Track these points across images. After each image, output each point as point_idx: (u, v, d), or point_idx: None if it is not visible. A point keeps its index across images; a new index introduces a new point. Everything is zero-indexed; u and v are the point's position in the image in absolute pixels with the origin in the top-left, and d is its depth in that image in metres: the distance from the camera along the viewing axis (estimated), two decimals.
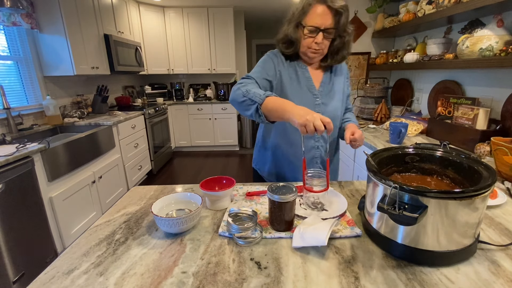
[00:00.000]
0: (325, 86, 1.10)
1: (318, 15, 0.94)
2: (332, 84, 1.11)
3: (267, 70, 1.04)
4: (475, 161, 0.70)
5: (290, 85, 1.05)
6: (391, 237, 0.62)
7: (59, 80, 2.75)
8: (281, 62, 1.07)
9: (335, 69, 1.13)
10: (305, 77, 1.07)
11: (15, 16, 2.19)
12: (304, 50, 1.02)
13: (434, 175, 0.78)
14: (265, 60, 1.07)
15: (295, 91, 1.05)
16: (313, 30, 0.96)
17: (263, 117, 0.86)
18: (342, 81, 1.15)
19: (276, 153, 1.14)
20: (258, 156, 1.23)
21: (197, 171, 3.71)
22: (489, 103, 1.58)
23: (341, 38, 1.03)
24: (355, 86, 2.75)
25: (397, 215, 0.55)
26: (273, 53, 1.09)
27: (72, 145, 2.05)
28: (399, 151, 0.81)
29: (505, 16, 1.40)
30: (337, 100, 1.11)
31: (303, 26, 0.97)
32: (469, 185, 0.67)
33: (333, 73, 1.12)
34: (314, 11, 0.94)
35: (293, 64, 1.08)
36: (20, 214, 1.60)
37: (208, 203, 0.86)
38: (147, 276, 0.58)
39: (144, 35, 4.11)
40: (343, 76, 1.16)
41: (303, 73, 1.08)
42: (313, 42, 0.98)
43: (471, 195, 0.55)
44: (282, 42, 1.05)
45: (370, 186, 0.68)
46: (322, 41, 0.98)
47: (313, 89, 1.07)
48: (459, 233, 0.58)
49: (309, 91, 1.07)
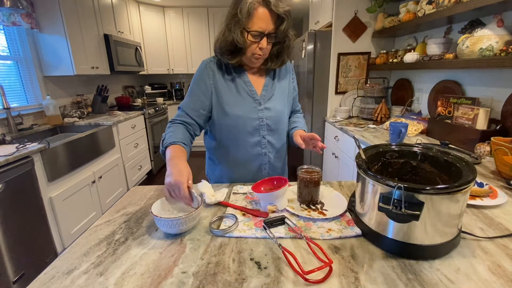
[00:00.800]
0: (268, 90, 1.05)
1: (262, 19, 0.89)
2: (275, 87, 1.07)
3: (198, 94, 1.01)
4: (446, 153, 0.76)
5: (228, 95, 1.01)
6: (384, 234, 0.64)
7: (59, 80, 2.75)
8: (214, 74, 1.01)
9: (278, 71, 1.09)
10: (244, 83, 1.03)
11: (15, 16, 2.19)
12: (248, 56, 0.96)
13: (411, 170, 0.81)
14: (197, 79, 1.02)
15: (234, 100, 1.01)
16: (257, 35, 0.91)
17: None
18: (287, 83, 1.11)
19: (221, 167, 1.12)
20: (208, 165, 1.20)
21: (197, 171, 3.71)
22: (489, 103, 1.58)
23: (283, 42, 0.99)
24: (355, 86, 2.75)
25: (401, 214, 0.57)
26: (205, 65, 1.02)
27: (72, 145, 2.05)
28: (380, 148, 0.83)
29: (505, 16, 1.39)
30: (282, 104, 1.08)
31: (247, 31, 0.91)
32: (447, 177, 0.71)
33: (276, 76, 1.08)
34: (257, 15, 0.89)
35: (230, 71, 1.03)
36: (20, 214, 1.60)
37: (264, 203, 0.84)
38: (147, 276, 0.58)
39: (144, 35, 4.11)
40: (288, 77, 1.12)
41: (242, 78, 1.03)
42: (257, 48, 0.93)
43: (463, 188, 0.58)
44: (226, 50, 0.96)
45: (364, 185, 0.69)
46: (266, 46, 0.93)
47: (255, 95, 1.03)
48: (449, 225, 0.61)
49: (250, 97, 1.02)
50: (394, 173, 0.82)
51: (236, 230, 0.73)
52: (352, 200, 0.82)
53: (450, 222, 0.61)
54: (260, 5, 0.88)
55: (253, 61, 0.98)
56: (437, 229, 0.60)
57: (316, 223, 0.76)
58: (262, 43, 0.92)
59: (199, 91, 1.02)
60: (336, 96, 2.79)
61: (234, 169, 1.11)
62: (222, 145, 1.09)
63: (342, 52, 2.66)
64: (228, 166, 1.11)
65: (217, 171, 1.15)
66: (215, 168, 1.15)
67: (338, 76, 2.74)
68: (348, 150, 2.12)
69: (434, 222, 0.59)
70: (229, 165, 1.11)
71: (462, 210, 0.62)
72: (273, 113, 1.05)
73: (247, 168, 1.09)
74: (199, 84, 1.02)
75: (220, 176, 1.14)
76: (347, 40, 2.62)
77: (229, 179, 1.12)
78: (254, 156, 1.07)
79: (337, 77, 2.74)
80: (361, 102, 2.70)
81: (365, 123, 2.32)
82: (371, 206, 0.66)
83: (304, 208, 0.84)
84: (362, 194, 0.70)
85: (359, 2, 2.52)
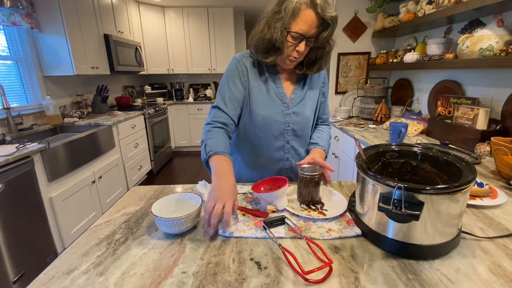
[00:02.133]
0: (297, 94, 1.02)
1: (305, 22, 0.83)
2: (305, 92, 1.03)
3: (234, 91, 0.97)
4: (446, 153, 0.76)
5: (258, 95, 0.99)
6: (384, 234, 0.64)
7: (59, 80, 2.75)
8: (247, 71, 0.98)
9: (310, 76, 1.05)
10: (275, 84, 1.00)
11: (15, 16, 2.19)
12: (284, 57, 0.92)
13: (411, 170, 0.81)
14: (231, 75, 0.98)
15: (262, 101, 0.99)
16: (297, 37, 0.86)
17: (208, 170, 0.87)
18: (318, 90, 1.07)
19: (241, 167, 1.11)
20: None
21: (197, 171, 3.71)
22: (489, 103, 1.58)
23: (323, 48, 0.94)
24: (355, 86, 2.75)
25: (401, 214, 0.57)
26: (238, 61, 0.99)
27: (72, 145, 2.05)
28: (380, 148, 0.83)
29: (505, 16, 1.40)
30: (310, 110, 1.05)
31: (287, 31, 0.86)
32: (447, 177, 0.71)
33: (307, 82, 1.04)
34: (302, 16, 0.83)
35: (263, 70, 1.00)
36: (20, 214, 1.60)
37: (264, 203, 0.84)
38: (147, 276, 0.58)
39: (144, 35, 4.11)
40: (319, 83, 1.08)
41: (273, 79, 1.00)
42: (294, 50, 0.89)
43: (463, 188, 0.58)
44: (262, 47, 0.92)
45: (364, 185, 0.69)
46: (304, 50, 0.89)
47: (284, 97, 1.00)
48: (449, 226, 0.61)
49: (279, 99, 1.00)
50: (394, 173, 0.82)
51: (236, 230, 0.73)
52: (352, 200, 0.82)
53: (450, 222, 0.61)
54: (307, 7, 0.82)
55: (287, 63, 0.94)
56: (437, 229, 0.60)
57: (316, 223, 0.76)
58: (300, 46, 0.87)
59: (235, 88, 0.97)
60: (336, 96, 2.80)
61: (254, 171, 1.09)
62: (245, 146, 1.07)
63: (342, 52, 2.66)
64: (248, 167, 1.10)
65: (235, 170, 1.13)
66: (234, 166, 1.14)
67: (338, 76, 2.74)
68: (348, 150, 2.13)
69: (434, 222, 0.59)
70: (249, 166, 1.10)
71: (462, 210, 0.62)
72: (300, 118, 1.02)
73: (267, 171, 1.07)
74: (234, 80, 0.98)
75: (239, 175, 1.12)
76: (347, 40, 2.63)
77: (247, 180, 1.11)
78: (276, 160, 1.05)
79: (337, 77, 2.74)
80: (361, 102, 2.71)
81: (365, 123, 2.32)
82: (371, 206, 0.66)
83: (304, 208, 0.84)
84: (362, 194, 0.70)
85: (359, 2, 2.52)
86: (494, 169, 1.18)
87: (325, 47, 0.93)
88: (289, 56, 0.91)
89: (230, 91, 0.98)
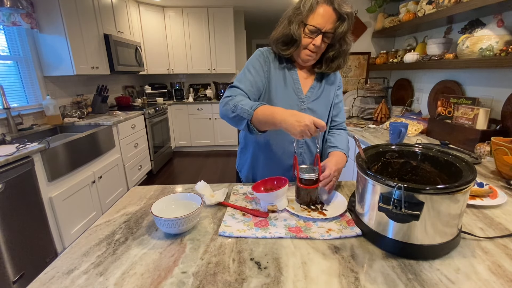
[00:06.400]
0: (313, 92, 1.05)
1: (322, 16, 0.89)
2: (322, 91, 1.06)
3: (255, 75, 0.99)
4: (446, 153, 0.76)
5: (277, 86, 1.01)
6: (384, 234, 0.64)
7: (59, 80, 2.75)
8: (270, 62, 1.02)
9: (327, 76, 1.08)
10: (292, 79, 1.03)
11: (15, 16, 2.19)
12: (301, 51, 0.97)
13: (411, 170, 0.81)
14: (253, 62, 1.01)
15: (280, 94, 1.01)
16: (314, 31, 0.91)
17: (255, 130, 0.85)
18: (333, 90, 1.10)
19: (255, 160, 1.12)
20: (240, 158, 1.20)
21: (197, 171, 3.71)
22: (489, 103, 1.58)
23: (339, 46, 0.98)
24: (355, 86, 2.75)
25: (401, 214, 0.57)
26: (261, 52, 1.03)
27: (72, 145, 2.05)
28: (380, 148, 0.83)
29: (505, 16, 1.39)
30: (325, 108, 1.08)
31: (304, 24, 0.92)
32: (447, 177, 0.71)
33: (324, 81, 1.08)
34: (319, 11, 0.89)
35: (282, 66, 1.03)
36: (20, 214, 1.60)
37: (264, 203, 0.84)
38: (147, 276, 0.58)
39: (144, 35, 4.11)
40: (335, 85, 1.11)
41: (291, 75, 1.03)
42: (311, 44, 0.93)
43: (463, 188, 0.58)
44: (281, 41, 0.98)
45: (364, 185, 0.69)
46: (320, 45, 0.93)
47: (300, 93, 1.03)
48: (449, 226, 0.61)
49: (295, 94, 1.02)
50: (394, 173, 0.82)
51: (236, 230, 0.73)
52: (352, 200, 0.82)
53: (450, 222, 0.61)
54: (324, 2, 0.89)
55: (304, 58, 0.98)
56: (437, 229, 0.60)
57: (316, 223, 0.76)
58: (316, 40, 0.92)
59: (256, 73, 1.00)
60: None
61: (267, 164, 1.10)
62: (259, 138, 1.07)
63: None
64: (261, 159, 1.11)
65: (246, 164, 1.15)
66: (246, 160, 1.15)
67: None
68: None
69: (434, 222, 0.59)
70: (263, 159, 1.10)
71: (462, 210, 0.62)
72: (315, 115, 1.02)
73: (279, 165, 1.08)
74: (256, 67, 1.00)
75: (252, 168, 1.13)
76: None
77: (259, 174, 1.12)
78: (290, 154, 1.07)
79: None
80: (361, 102, 2.70)
81: (365, 123, 2.32)
82: (371, 206, 0.66)
83: (304, 208, 0.84)
84: (362, 194, 0.70)
85: (359, 2, 2.52)
86: (494, 169, 1.18)
87: (341, 45, 0.98)
88: (305, 49, 0.96)
89: (251, 74, 1.00)
